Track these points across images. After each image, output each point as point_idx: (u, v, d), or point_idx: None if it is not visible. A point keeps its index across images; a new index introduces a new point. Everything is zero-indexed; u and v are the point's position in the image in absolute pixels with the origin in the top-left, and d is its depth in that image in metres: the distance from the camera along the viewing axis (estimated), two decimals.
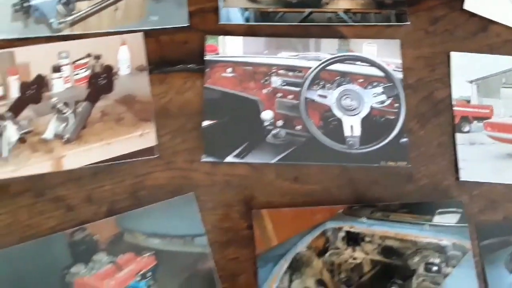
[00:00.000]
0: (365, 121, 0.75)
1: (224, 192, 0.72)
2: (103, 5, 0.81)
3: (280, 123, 0.75)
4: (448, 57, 0.80)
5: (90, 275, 0.67)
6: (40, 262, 0.68)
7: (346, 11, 0.82)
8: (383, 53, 0.79)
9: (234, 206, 0.72)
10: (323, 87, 0.77)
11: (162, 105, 0.77)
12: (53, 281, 0.67)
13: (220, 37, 0.79)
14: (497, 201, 0.72)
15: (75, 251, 0.69)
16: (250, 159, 0.73)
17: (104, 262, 0.68)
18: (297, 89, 0.77)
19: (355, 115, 0.75)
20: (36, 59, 0.78)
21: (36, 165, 0.72)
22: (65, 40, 0.79)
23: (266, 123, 0.75)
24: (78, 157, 0.73)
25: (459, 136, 0.75)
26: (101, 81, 0.77)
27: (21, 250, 0.68)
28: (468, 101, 0.78)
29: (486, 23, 0.83)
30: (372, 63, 0.78)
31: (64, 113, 0.74)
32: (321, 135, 0.74)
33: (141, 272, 0.68)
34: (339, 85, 0.77)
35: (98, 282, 0.67)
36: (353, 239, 0.70)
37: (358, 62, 0.78)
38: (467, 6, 0.83)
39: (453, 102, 0.77)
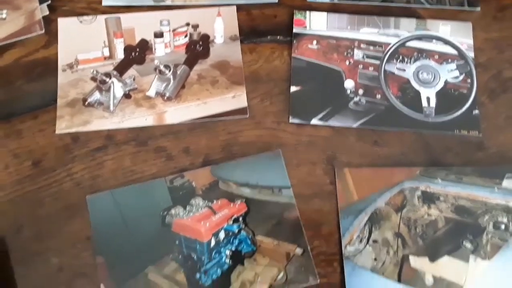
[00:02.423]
0: (440, 94, 0.81)
1: (308, 151, 0.78)
2: None
3: (361, 91, 0.81)
4: None
5: (187, 217, 0.74)
6: (143, 204, 0.75)
7: None
8: (456, 34, 0.84)
9: (318, 163, 0.77)
10: (402, 61, 0.83)
11: (252, 71, 0.83)
12: (155, 221, 0.73)
13: (308, 12, 0.86)
14: None
15: (174, 195, 0.75)
16: (333, 122, 0.79)
17: (201, 206, 0.75)
18: (377, 62, 0.83)
19: (431, 87, 0.81)
20: (140, 25, 0.85)
21: (140, 118, 0.79)
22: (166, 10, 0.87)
23: (348, 91, 0.81)
24: (177, 113, 0.80)
25: None
26: (198, 48, 0.84)
27: (127, 192, 0.75)
28: None
29: None
30: (447, 42, 0.84)
31: (165, 74, 0.82)
32: (400, 104, 0.80)
33: (234, 217, 0.74)
34: (416, 60, 0.83)
35: (195, 223, 0.73)
36: (429, 198, 0.75)
37: (434, 41, 0.84)
38: None
39: None
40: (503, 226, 0.73)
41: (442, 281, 0.69)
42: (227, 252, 0.72)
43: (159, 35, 0.84)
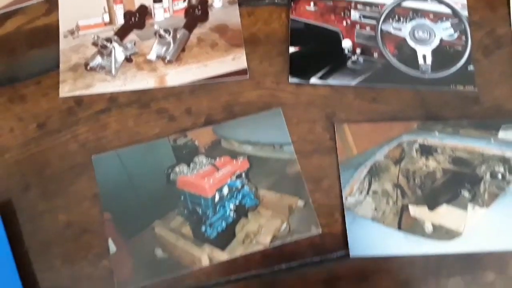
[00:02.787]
0: (436, 51, 0.83)
1: (308, 109, 0.80)
2: None
3: (358, 51, 0.83)
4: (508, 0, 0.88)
5: (191, 174, 0.76)
6: (147, 162, 0.77)
7: None
8: None
9: (317, 121, 0.79)
10: (398, 20, 0.85)
11: (251, 34, 0.85)
12: (160, 178, 0.75)
13: None
14: None
15: (178, 153, 0.77)
16: (331, 81, 0.81)
17: (204, 164, 0.77)
18: (374, 22, 0.85)
19: (427, 45, 0.83)
20: None
21: (142, 81, 0.81)
22: None
23: (346, 51, 0.83)
24: (178, 76, 0.82)
25: None
26: (197, 12, 0.86)
27: (131, 151, 0.77)
28: None
29: None
30: (441, 1, 0.86)
31: (165, 38, 0.83)
32: (397, 61, 0.82)
33: (237, 173, 0.76)
34: (412, 19, 0.85)
35: (199, 180, 0.76)
36: (426, 151, 0.77)
37: (429, 0, 0.86)
38: None
39: None
40: (500, 176, 0.75)
41: (441, 228, 0.72)
42: (231, 206, 0.74)
43: (158, 0, 0.86)
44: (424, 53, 0.83)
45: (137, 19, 0.85)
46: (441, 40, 0.84)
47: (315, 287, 0.70)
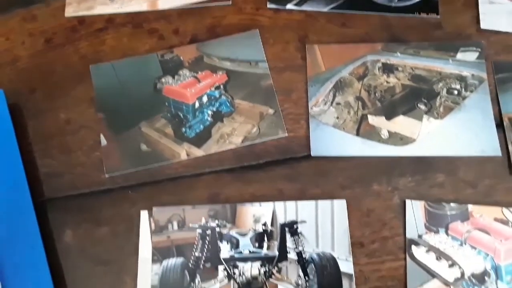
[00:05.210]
0: None
1: (283, 32, 0.85)
2: None
3: None
4: None
5: (176, 84, 0.82)
6: (138, 73, 0.83)
7: None
8: None
9: (291, 42, 0.84)
10: None
11: None
12: (148, 87, 0.81)
13: None
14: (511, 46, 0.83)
15: (165, 66, 0.83)
16: (306, 7, 0.86)
17: (187, 76, 0.83)
18: None
19: None
20: None
21: (136, 5, 0.88)
22: None
23: None
24: (168, 0, 0.87)
25: None
26: None
27: (124, 63, 0.84)
28: None
29: None
30: None
31: None
32: None
33: (216, 85, 0.82)
34: None
35: (182, 89, 0.81)
36: (388, 69, 0.81)
37: None
38: None
39: None
40: (456, 92, 0.79)
41: (397, 135, 0.76)
42: (209, 112, 0.80)
43: None
44: None
45: None
46: None
47: (280, 180, 0.75)
